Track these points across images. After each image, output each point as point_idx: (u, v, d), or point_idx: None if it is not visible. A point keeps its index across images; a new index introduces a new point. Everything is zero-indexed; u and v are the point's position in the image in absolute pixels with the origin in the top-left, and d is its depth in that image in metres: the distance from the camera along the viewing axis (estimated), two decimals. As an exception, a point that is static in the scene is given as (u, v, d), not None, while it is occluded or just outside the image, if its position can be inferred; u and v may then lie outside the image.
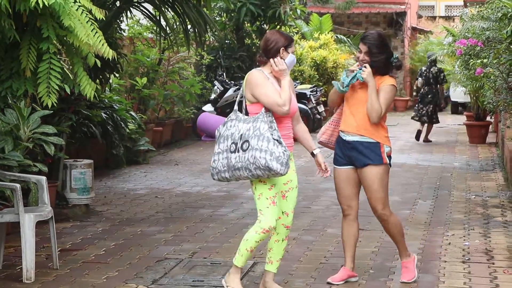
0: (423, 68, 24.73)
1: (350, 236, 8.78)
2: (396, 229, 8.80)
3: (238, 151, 7.85)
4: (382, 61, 8.59)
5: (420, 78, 24.38)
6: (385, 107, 8.51)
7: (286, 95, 7.97)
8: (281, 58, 8.02)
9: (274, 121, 7.93)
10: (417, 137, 23.91)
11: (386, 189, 8.77)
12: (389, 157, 8.75)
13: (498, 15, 11.57)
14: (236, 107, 8.20)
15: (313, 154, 8.44)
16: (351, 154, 8.59)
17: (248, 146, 7.79)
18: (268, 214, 7.87)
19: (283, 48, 8.05)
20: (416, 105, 24.38)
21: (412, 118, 24.50)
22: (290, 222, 8.24)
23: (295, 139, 8.38)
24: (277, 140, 7.76)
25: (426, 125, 23.80)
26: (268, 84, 8.00)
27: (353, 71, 8.53)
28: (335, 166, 8.76)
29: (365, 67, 8.41)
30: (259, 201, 7.98)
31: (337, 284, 8.73)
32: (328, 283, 8.74)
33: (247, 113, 8.16)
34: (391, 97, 8.65)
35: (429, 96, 23.56)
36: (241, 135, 7.89)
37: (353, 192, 8.75)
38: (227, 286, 7.99)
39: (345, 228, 8.81)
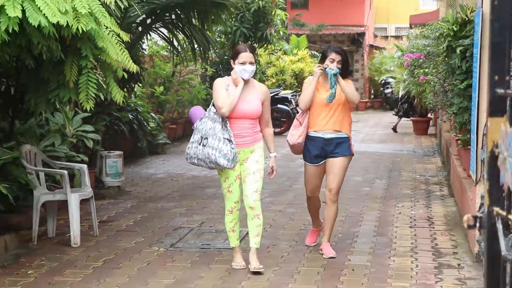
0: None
1: (315, 209, 8.86)
2: (336, 213, 8.61)
3: (201, 145, 7.74)
4: (347, 69, 8.60)
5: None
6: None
7: (226, 100, 7.74)
8: (232, 68, 7.88)
9: (227, 121, 7.74)
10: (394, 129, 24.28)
11: (344, 176, 8.62)
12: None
13: (436, 35, 11.61)
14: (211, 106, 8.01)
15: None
16: (328, 149, 8.38)
17: (207, 143, 7.70)
18: (227, 201, 7.96)
19: (231, 60, 7.94)
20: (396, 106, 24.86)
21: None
22: (251, 203, 7.82)
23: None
24: (227, 139, 7.63)
25: (398, 118, 24.11)
26: (220, 89, 7.84)
27: (324, 69, 8.31)
28: (311, 163, 8.53)
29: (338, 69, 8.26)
30: (222, 189, 8.08)
31: (313, 245, 8.84)
32: (306, 245, 8.88)
33: None
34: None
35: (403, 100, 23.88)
36: (205, 131, 7.76)
37: (319, 184, 8.69)
38: (233, 265, 8.01)
39: (311, 205, 8.83)
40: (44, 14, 6.86)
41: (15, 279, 7.73)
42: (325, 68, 8.31)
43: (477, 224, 3.18)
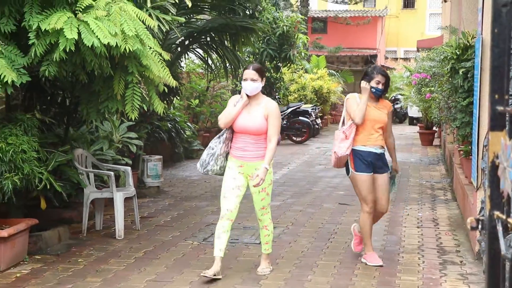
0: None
1: (371, 227, 7.96)
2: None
3: None
4: (387, 88, 8.05)
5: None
6: (391, 126, 8.11)
7: (224, 113, 7.36)
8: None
9: (224, 133, 7.35)
10: None
11: None
12: None
13: (441, 57, 11.57)
14: None
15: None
16: (377, 164, 7.81)
17: None
18: (221, 205, 7.37)
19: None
20: None
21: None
22: (259, 216, 7.45)
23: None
24: (210, 146, 7.37)
25: None
26: (228, 104, 7.43)
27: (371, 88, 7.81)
28: (365, 173, 7.72)
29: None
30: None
31: (374, 265, 7.85)
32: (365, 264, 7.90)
33: None
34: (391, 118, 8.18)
35: None
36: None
37: (374, 193, 7.82)
38: (203, 272, 7.33)
39: (370, 222, 7.87)
40: (97, 36, 6.91)
41: (67, 266, 7.81)
42: (372, 87, 7.78)
43: (479, 226, 3.17)
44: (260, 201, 7.34)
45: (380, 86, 7.81)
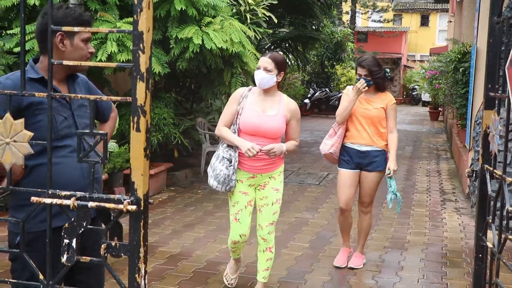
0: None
1: (347, 226, 5.21)
2: (370, 224, 5.25)
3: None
4: (382, 77, 4.92)
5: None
6: (396, 121, 5.03)
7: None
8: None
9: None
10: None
11: (376, 190, 5.18)
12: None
13: (447, 60, 11.31)
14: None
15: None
16: (363, 161, 4.97)
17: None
18: (232, 230, 4.26)
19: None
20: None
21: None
22: (265, 235, 4.26)
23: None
24: (226, 158, 4.14)
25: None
26: (230, 104, 4.19)
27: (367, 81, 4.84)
28: (344, 169, 5.02)
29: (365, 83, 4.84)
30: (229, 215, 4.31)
31: (343, 267, 5.17)
32: (336, 267, 5.17)
33: None
34: (396, 112, 5.01)
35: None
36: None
37: (353, 192, 5.04)
38: (225, 277, 4.63)
39: (344, 220, 5.17)
40: (214, 42, 6.97)
41: (191, 195, 7.99)
42: (366, 80, 4.85)
43: (473, 175, 3.12)
44: (272, 215, 4.26)
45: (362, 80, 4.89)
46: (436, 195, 8.31)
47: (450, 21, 19.61)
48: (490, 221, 2.87)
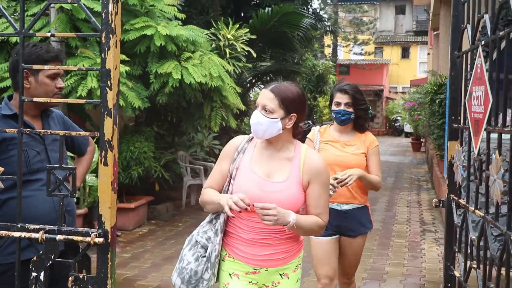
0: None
1: None
2: None
3: None
4: (366, 109, 3.74)
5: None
6: (380, 168, 3.83)
7: (206, 194, 2.66)
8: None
9: (221, 214, 2.61)
10: None
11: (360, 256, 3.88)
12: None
13: (424, 91, 11.54)
14: None
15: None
16: (344, 224, 3.69)
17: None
18: None
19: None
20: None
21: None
22: None
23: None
24: (201, 245, 2.60)
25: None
26: (220, 160, 2.66)
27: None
28: (320, 237, 3.62)
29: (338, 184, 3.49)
30: None
31: None
32: None
33: None
34: (379, 156, 3.83)
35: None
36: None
37: (336, 261, 3.69)
38: None
39: None
40: (193, 77, 7.06)
41: (172, 228, 7.97)
42: (332, 112, 3.78)
43: (440, 205, 3.21)
44: None
45: (342, 108, 3.71)
46: (416, 226, 8.37)
47: (429, 53, 20.06)
48: (457, 250, 2.94)
